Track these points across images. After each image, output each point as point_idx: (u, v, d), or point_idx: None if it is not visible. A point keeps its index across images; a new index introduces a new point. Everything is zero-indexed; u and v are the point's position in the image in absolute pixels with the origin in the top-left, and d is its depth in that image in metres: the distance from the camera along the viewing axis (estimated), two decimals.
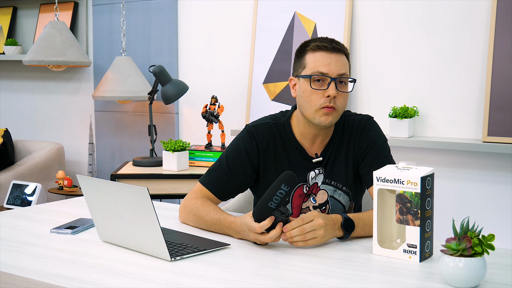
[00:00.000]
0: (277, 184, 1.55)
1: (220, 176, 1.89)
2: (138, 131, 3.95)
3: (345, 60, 1.82)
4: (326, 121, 1.80)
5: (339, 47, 1.81)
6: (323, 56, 1.79)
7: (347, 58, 1.85)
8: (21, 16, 4.42)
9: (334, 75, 1.78)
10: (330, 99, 1.78)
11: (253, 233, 1.59)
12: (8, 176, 3.78)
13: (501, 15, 2.80)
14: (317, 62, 1.79)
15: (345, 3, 3.17)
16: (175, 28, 3.77)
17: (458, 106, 2.96)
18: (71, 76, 4.26)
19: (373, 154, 1.86)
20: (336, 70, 1.78)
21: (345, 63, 1.81)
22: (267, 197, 1.55)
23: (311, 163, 1.89)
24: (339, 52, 1.80)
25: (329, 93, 1.77)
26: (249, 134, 1.90)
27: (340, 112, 1.82)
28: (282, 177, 1.55)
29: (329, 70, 1.78)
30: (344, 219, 1.65)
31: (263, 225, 1.56)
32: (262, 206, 1.55)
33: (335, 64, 1.78)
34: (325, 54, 1.79)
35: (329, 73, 1.78)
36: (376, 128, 1.91)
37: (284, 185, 1.54)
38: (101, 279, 1.36)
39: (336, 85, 1.78)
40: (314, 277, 1.39)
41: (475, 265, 1.29)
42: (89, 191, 1.65)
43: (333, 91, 1.77)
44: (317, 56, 1.80)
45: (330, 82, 1.77)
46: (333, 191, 1.90)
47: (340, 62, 1.79)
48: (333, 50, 1.79)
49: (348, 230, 1.65)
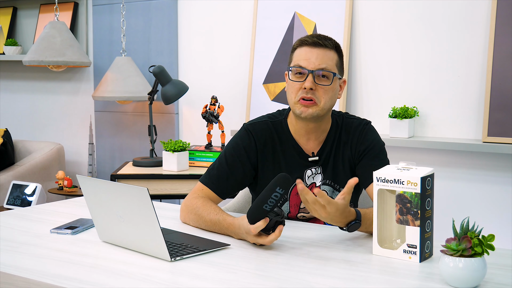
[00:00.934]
0: (272, 186, 1.54)
1: (220, 174, 1.90)
2: (138, 131, 3.95)
3: (330, 55, 1.84)
4: (305, 112, 1.82)
5: (322, 42, 1.83)
6: (305, 51, 1.84)
7: (338, 53, 1.87)
8: (21, 16, 4.42)
9: (312, 68, 1.81)
10: (307, 90, 1.81)
11: (251, 235, 1.59)
12: (8, 176, 3.78)
13: (501, 15, 2.80)
14: (299, 56, 1.85)
15: (345, 3, 3.17)
16: (175, 28, 3.77)
17: (458, 106, 2.96)
18: (71, 76, 4.26)
19: (371, 156, 1.87)
20: (315, 64, 1.81)
21: (329, 57, 1.83)
22: (262, 199, 1.55)
23: (308, 162, 1.90)
24: (323, 47, 1.83)
25: (305, 85, 1.81)
26: (247, 132, 1.92)
27: (322, 106, 1.83)
28: (277, 180, 1.55)
29: (308, 64, 1.82)
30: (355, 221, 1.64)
31: (257, 226, 1.55)
32: (257, 208, 1.55)
33: (316, 58, 1.82)
34: (307, 49, 1.84)
35: (307, 66, 1.82)
36: (374, 133, 1.93)
37: (279, 187, 1.54)
38: (101, 279, 1.36)
39: (315, 78, 1.81)
40: (314, 277, 1.39)
41: (475, 265, 1.29)
42: (89, 192, 1.65)
43: (309, 83, 1.80)
44: (301, 51, 1.85)
45: (308, 74, 1.81)
46: (332, 192, 1.91)
47: (321, 56, 1.82)
48: (315, 45, 1.83)
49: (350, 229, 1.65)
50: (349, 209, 1.63)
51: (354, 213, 1.65)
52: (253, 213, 1.56)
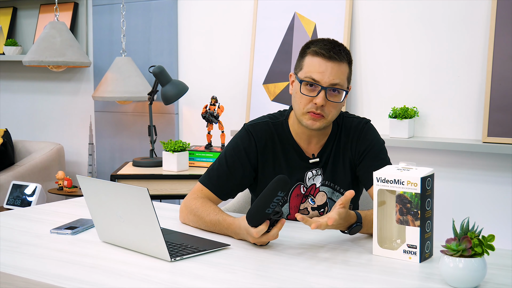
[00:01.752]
0: (274, 191, 1.53)
1: (220, 175, 1.90)
2: (138, 131, 3.95)
3: (343, 68, 1.79)
4: (313, 125, 1.81)
5: (337, 56, 1.77)
6: (319, 63, 1.78)
7: (350, 65, 1.83)
8: (21, 17, 4.42)
9: (326, 84, 1.77)
10: (318, 106, 1.78)
11: (251, 237, 1.59)
12: (8, 176, 3.78)
13: (501, 15, 2.80)
14: (312, 67, 1.78)
15: (345, 3, 3.17)
16: (175, 28, 3.77)
17: (458, 106, 2.96)
18: (71, 77, 4.26)
19: (371, 156, 1.86)
20: (329, 79, 1.77)
21: (342, 71, 1.79)
22: (264, 203, 1.54)
23: (308, 163, 1.90)
24: (337, 61, 1.78)
25: (317, 101, 1.77)
26: (247, 133, 1.91)
27: (329, 119, 1.82)
28: (278, 184, 1.53)
29: (322, 79, 1.77)
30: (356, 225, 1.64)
31: (260, 230, 1.55)
32: (258, 211, 1.55)
33: (330, 73, 1.77)
34: (322, 61, 1.77)
35: (321, 81, 1.77)
36: (373, 132, 1.92)
37: (280, 191, 1.53)
38: (101, 279, 1.36)
39: (327, 94, 1.77)
40: (314, 277, 1.39)
41: (475, 265, 1.29)
42: (89, 192, 1.65)
43: (321, 99, 1.77)
44: (314, 61, 1.79)
45: (320, 91, 1.77)
46: (331, 193, 1.91)
47: (336, 71, 1.77)
48: (330, 59, 1.77)
49: (351, 232, 1.65)
50: (349, 213, 1.63)
51: (355, 215, 1.65)
52: (255, 216, 1.56)
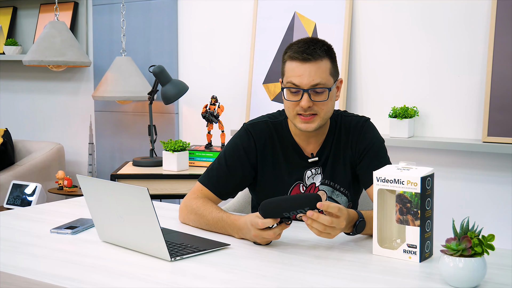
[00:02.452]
0: (303, 205, 1.54)
1: (219, 175, 1.90)
2: (138, 131, 3.95)
3: (322, 66, 1.77)
4: (307, 128, 1.80)
5: (312, 56, 1.75)
6: (296, 67, 1.77)
7: (331, 58, 1.80)
8: (21, 16, 4.42)
9: (306, 86, 1.76)
10: (305, 109, 1.77)
11: (254, 229, 1.59)
12: (8, 176, 3.78)
13: (501, 15, 2.80)
14: (291, 72, 1.78)
15: (345, 3, 3.17)
16: (175, 28, 3.77)
17: (458, 106, 2.96)
18: (71, 76, 4.26)
19: (371, 156, 1.86)
20: (309, 81, 1.75)
21: (321, 70, 1.77)
22: (287, 206, 1.55)
23: (307, 162, 1.90)
24: (313, 61, 1.76)
25: (302, 104, 1.77)
26: (247, 132, 1.91)
27: (323, 116, 1.80)
28: (310, 200, 1.54)
29: (301, 82, 1.76)
30: (359, 221, 1.64)
31: (266, 222, 1.56)
32: (276, 211, 1.55)
33: (308, 75, 1.75)
34: (298, 65, 1.76)
35: (301, 85, 1.76)
36: (373, 130, 1.91)
37: (308, 208, 1.54)
38: (101, 279, 1.36)
39: (310, 95, 1.76)
40: (314, 277, 1.39)
41: (475, 265, 1.29)
42: (89, 191, 1.65)
43: (305, 102, 1.76)
44: (292, 66, 1.78)
45: (303, 94, 1.76)
46: (332, 192, 1.90)
47: (314, 71, 1.75)
48: (305, 61, 1.75)
49: (358, 230, 1.65)
50: (350, 211, 1.63)
51: (355, 213, 1.65)
52: (271, 211, 1.56)
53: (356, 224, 1.64)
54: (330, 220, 1.53)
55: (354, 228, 1.64)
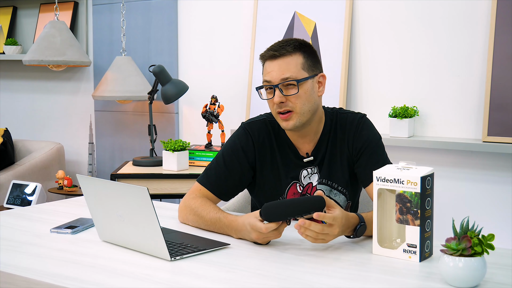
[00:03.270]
0: (309, 209, 1.54)
1: (218, 175, 1.89)
2: (138, 131, 3.95)
3: (292, 61, 1.79)
4: (287, 126, 1.82)
5: (278, 52, 1.79)
6: (268, 66, 1.82)
7: (304, 53, 1.81)
8: (21, 16, 4.42)
9: (276, 81, 1.78)
10: (279, 105, 1.79)
11: (255, 232, 1.59)
12: (8, 176, 3.78)
13: (501, 15, 2.80)
14: (264, 71, 1.83)
15: (345, 3, 3.17)
16: (175, 28, 3.77)
17: (458, 106, 2.96)
18: (71, 76, 4.26)
19: (368, 153, 1.85)
20: (278, 76, 1.78)
21: (291, 64, 1.79)
22: (293, 211, 1.54)
23: (303, 162, 1.90)
24: (279, 57, 1.79)
25: (274, 100, 1.79)
26: (245, 131, 1.91)
27: (300, 111, 1.80)
28: (317, 204, 1.54)
29: (271, 78, 1.79)
30: (360, 225, 1.64)
31: (269, 227, 1.56)
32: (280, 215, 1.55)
33: (277, 70, 1.79)
34: (268, 63, 1.82)
35: (271, 81, 1.79)
36: (369, 127, 1.89)
37: (313, 211, 1.54)
38: (101, 279, 1.36)
39: (282, 90, 1.78)
40: (314, 277, 1.39)
41: (475, 265, 1.29)
42: (89, 191, 1.65)
43: (277, 97, 1.78)
44: (265, 65, 1.84)
45: (274, 90, 1.79)
46: (329, 191, 1.90)
47: (283, 66, 1.78)
48: (273, 57, 1.80)
49: (358, 234, 1.65)
50: (350, 214, 1.62)
51: (356, 217, 1.65)
52: (275, 214, 1.56)
53: (356, 229, 1.63)
54: (322, 228, 1.54)
55: (354, 232, 1.64)
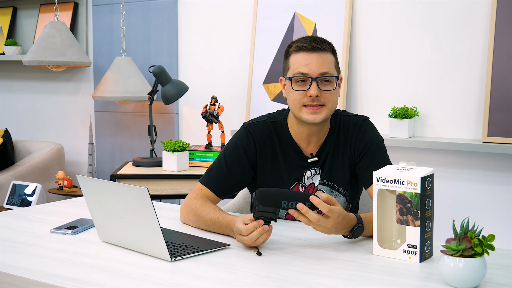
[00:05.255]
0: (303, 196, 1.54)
1: (219, 174, 1.90)
2: (138, 131, 3.95)
3: (328, 57, 1.82)
4: (314, 119, 1.81)
5: (320, 46, 1.80)
6: (304, 57, 1.80)
7: (334, 54, 1.85)
8: (21, 16, 4.42)
9: (315, 74, 1.79)
10: (313, 98, 1.79)
11: (238, 235, 1.58)
12: (8, 176, 3.78)
13: (501, 15, 2.80)
14: (298, 63, 1.81)
15: (345, 3, 3.17)
16: (175, 28, 3.77)
17: (458, 106, 2.96)
18: (71, 76, 4.26)
19: (370, 155, 1.86)
20: (317, 69, 1.79)
21: (328, 61, 1.81)
22: (287, 195, 1.54)
23: (307, 163, 1.90)
24: (320, 51, 1.80)
25: (311, 93, 1.78)
26: (246, 132, 1.92)
27: (330, 107, 1.82)
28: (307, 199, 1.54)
29: (310, 70, 1.79)
30: (357, 226, 1.63)
31: (248, 228, 1.55)
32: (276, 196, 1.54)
33: (316, 63, 1.79)
34: (306, 55, 1.80)
35: (309, 73, 1.79)
36: (372, 129, 1.91)
37: (309, 203, 1.54)
38: (101, 279, 1.36)
39: (318, 84, 1.79)
40: (314, 277, 1.39)
41: (475, 265, 1.29)
42: (89, 192, 1.65)
43: (314, 90, 1.78)
44: (298, 57, 1.81)
45: (312, 82, 1.78)
46: (330, 192, 1.90)
47: (322, 60, 1.79)
48: (313, 50, 1.80)
49: (355, 235, 1.64)
50: (349, 215, 1.62)
51: (355, 218, 1.64)
52: (269, 196, 1.54)
53: (354, 229, 1.63)
54: (317, 218, 1.54)
55: (351, 233, 1.64)
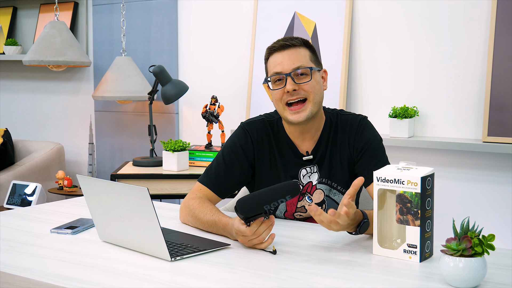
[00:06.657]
0: (284, 192, 1.53)
1: (218, 174, 1.91)
2: (138, 131, 3.95)
3: (301, 52, 1.84)
4: (299, 118, 1.82)
5: (289, 42, 1.83)
6: (276, 57, 1.84)
7: (308, 47, 1.86)
8: (21, 16, 4.42)
9: (289, 70, 1.81)
10: (291, 93, 1.81)
11: (240, 236, 1.58)
12: (8, 176, 3.78)
13: (501, 15, 2.80)
14: (272, 64, 1.85)
15: (345, 3, 3.17)
16: (175, 28, 3.77)
17: (458, 106, 2.96)
18: (71, 76, 4.26)
19: (369, 154, 1.86)
20: (289, 65, 1.81)
21: (301, 55, 1.83)
22: (266, 199, 1.53)
23: (302, 160, 1.91)
24: (291, 47, 1.83)
25: (287, 88, 1.81)
26: (244, 131, 1.93)
27: (313, 99, 1.83)
28: (290, 188, 1.54)
29: (283, 68, 1.82)
30: (363, 222, 1.63)
31: (252, 228, 1.55)
32: (256, 205, 1.53)
33: (288, 60, 1.82)
34: (278, 54, 1.84)
35: (283, 70, 1.82)
36: (370, 128, 1.91)
37: (289, 196, 1.53)
38: (101, 279, 1.36)
39: (294, 79, 1.81)
40: (314, 277, 1.39)
41: (475, 265, 1.29)
42: (89, 191, 1.65)
43: (290, 85, 1.80)
44: (272, 59, 1.86)
45: (286, 78, 1.81)
46: (329, 191, 1.91)
47: (294, 56, 1.82)
48: (283, 48, 1.83)
49: (361, 231, 1.64)
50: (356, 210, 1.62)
51: (360, 213, 1.64)
52: (249, 206, 1.54)
53: (360, 225, 1.63)
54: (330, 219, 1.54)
55: (357, 229, 1.64)
